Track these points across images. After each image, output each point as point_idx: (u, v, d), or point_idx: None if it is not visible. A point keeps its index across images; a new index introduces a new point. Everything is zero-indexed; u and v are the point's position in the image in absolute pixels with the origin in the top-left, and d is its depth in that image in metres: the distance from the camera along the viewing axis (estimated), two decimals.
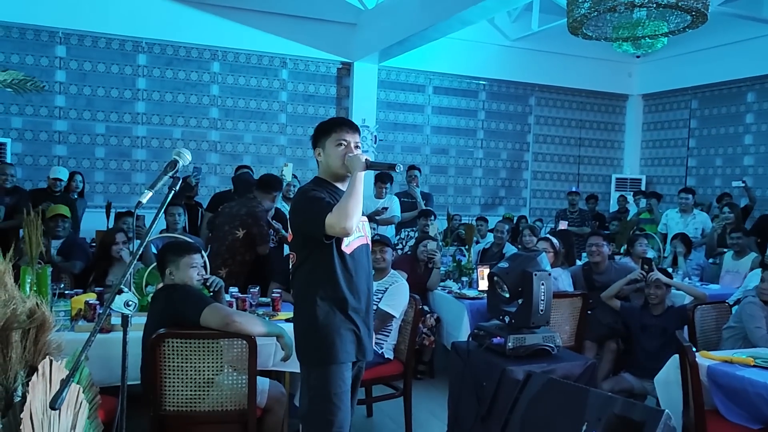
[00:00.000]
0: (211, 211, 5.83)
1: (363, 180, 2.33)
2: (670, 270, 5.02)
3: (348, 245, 2.40)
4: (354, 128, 2.43)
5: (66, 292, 3.61)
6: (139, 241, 5.25)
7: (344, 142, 2.39)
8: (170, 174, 1.61)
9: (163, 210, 1.61)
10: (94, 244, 5.65)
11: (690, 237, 6.16)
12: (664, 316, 4.26)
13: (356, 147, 2.40)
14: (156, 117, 8.16)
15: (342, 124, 2.43)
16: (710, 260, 6.07)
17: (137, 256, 1.56)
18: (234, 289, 3.85)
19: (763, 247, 5.76)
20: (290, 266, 2.51)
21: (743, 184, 7.86)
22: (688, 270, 5.76)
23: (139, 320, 2.87)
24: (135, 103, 8.08)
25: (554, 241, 4.94)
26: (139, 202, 1.57)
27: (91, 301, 3.28)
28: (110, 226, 6.15)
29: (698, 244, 6.49)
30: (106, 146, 8.02)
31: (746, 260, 5.51)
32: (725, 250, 5.90)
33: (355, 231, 2.40)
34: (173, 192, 1.65)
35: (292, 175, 6.96)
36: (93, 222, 6.67)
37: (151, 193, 1.58)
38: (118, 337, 2.84)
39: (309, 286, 2.38)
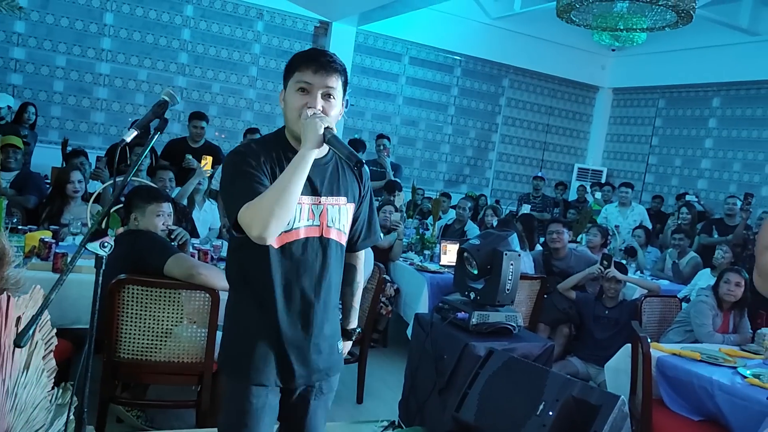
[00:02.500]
0: (166, 159, 5.63)
1: (311, 160, 1.59)
2: (623, 262, 5.17)
3: (288, 232, 1.68)
4: (328, 68, 1.66)
5: (19, 227, 3.46)
6: (96, 182, 5.10)
7: (306, 86, 1.65)
8: (159, 114, 1.53)
9: (147, 151, 1.53)
10: (48, 181, 5.43)
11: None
12: (616, 309, 4.40)
13: (326, 97, 1.67)
14: (122, 55, 7.82)
15: (310, 59, 1.66)
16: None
17: (117, 198, 1.49)
18: (195, 241, 3.77)
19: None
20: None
21: (696, 199, 8.09)
22: (646, 263, 5.94)
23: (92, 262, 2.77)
24: (100, 38, 7.71)
25: None
26: (123, 140, 1.49)
27: (46, 239, 3.15)
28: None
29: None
30: (65, 80, 7.65)
31: (684, 260, 5.72)
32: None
33: (305, 217, 1.71)
34: (159, 134, 1.57)
35: None
36: (48, 158, 6.40)
37: (136, 132, 1.50)
38: (71, 278, 2.75)
39: (240, 269, 1.75)
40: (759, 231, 1.28)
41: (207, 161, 4.58)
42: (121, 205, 3.09)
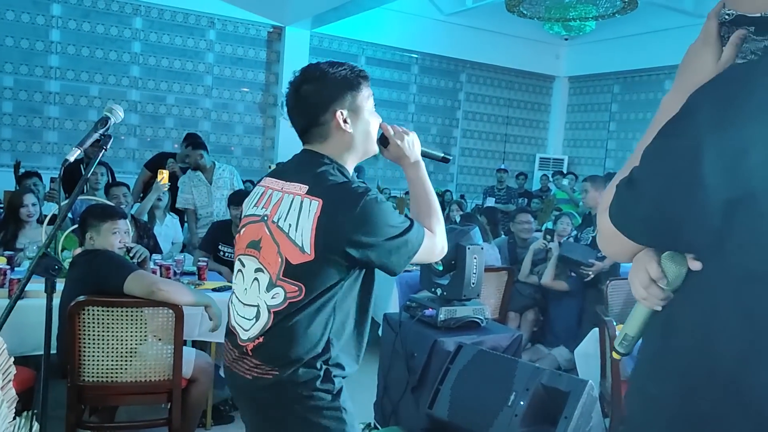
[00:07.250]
0: (150, 170, 5.49)
1: None
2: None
3: None
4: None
5: None
6: (51, 204, 4.97)
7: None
8: (101, 131, 1.50)
9: (92, 170, 1.50)
10: (1, 206, 5.27)
11: None
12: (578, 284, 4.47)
13: None
14: (71, 72, 7.65)
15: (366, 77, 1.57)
16: None
17: (63, 219, 1.45)
18: (157, 256, 3.70)
19: None
20: (283, 301, 1.50)
21: None
22: None
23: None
24: (48, 56, 7.53)
25: None
26: (66, 160, 1.45)
27: (0, 266, 3.06)
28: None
29: None
30: (14, 100, 7.45)
31: None
32: None
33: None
34: (103, 151, 1.53)
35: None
36: None
37: (79, 151, 1.47)
38: (29, 304, 2.70)
39: (323, 336, 1.52)
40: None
41: (163, 175, 4.49)
42: (76, 226, 3.01)
